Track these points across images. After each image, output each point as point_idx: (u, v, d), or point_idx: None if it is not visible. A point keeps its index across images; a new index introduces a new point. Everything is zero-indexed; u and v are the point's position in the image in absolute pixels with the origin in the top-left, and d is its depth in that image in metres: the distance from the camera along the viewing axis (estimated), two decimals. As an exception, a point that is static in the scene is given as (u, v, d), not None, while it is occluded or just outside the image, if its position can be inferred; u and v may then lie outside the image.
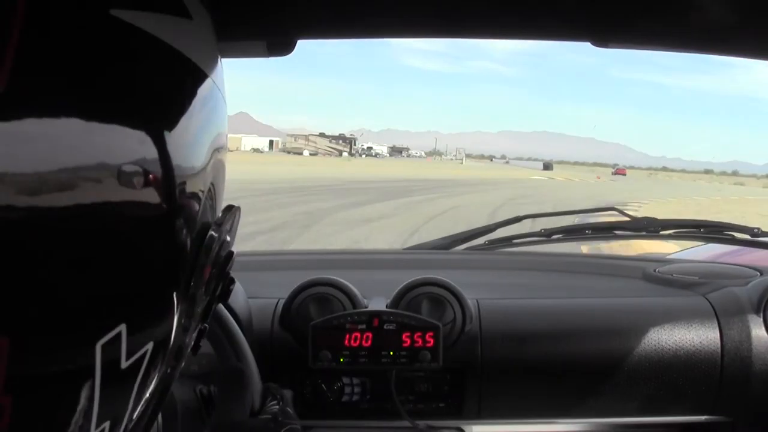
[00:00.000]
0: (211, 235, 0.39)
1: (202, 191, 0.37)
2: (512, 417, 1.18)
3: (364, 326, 1.09)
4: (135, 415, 0.34)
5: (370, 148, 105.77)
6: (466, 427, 1.17)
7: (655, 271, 1.39)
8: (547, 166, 78.14)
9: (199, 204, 0.37)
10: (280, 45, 0.73)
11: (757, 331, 1.15)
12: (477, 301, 1.19)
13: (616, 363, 1.14)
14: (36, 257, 0.26)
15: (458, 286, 1.16)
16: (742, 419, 1.17)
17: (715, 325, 1.16)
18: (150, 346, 0.33)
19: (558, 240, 1.56)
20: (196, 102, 0.36)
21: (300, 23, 0.72)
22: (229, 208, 0.44)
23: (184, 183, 0.35)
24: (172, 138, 0.33)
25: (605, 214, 1.62)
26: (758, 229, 1.47)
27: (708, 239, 1.56)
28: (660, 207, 18.17)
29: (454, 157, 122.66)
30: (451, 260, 1.57)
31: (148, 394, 0.35)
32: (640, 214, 1.66)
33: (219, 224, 0.41)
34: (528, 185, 28.18)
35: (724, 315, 1.17)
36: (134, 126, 0.30)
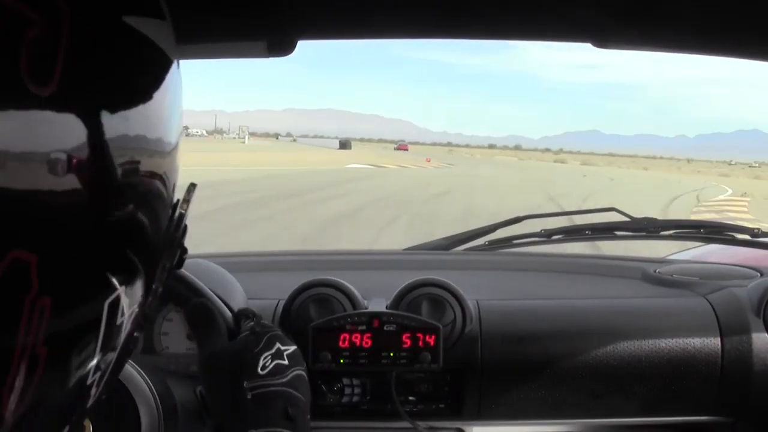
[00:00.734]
0: (181, 213, 0.46)
1: (174, 171, 0.44)
2: (512, 418, 1.17)
3: (364, 327, 1.09)
4: (110, 368, 0.41)
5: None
6: (466, 428, 1.17)
7: (655, 271, 1.39)
8: (345, 145, 60.81)
9: (175, 183, 0.44)
10: (280, 45, 0.73)
11: (758, 331, 1.15)
12: (477, 302, 1.19)
13: (616, 364, 1.14)
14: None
15: (458, 287, 1.16)
16: (742, 420, 1.17)
17: (716, 325, 1.16)
18: (136, 307, 0.40)
19: (558, 240, 1.56)
20: (170, 84, 0.42)
21: (300, 24, 0.72)
22: (193, 186, 0.50)
23: (171, 162, 0.42)
24: (157, 120, 0.39)
25: (605, 214, 1.62)
26: (758, 229, 1.47)
27: (708, 240, 1.56)
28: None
29: (237, 136, 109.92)
30: (451, 261, 1.57)
31: (120, 351, 0.42)
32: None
33: (187, 200, 0.47)
34: (368, 189, 15.35)
35: (724, 316, 1.17)
36: (124, 107, 0.36)
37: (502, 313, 1.19)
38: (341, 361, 1.09)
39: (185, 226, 0.49)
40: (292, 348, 0.87)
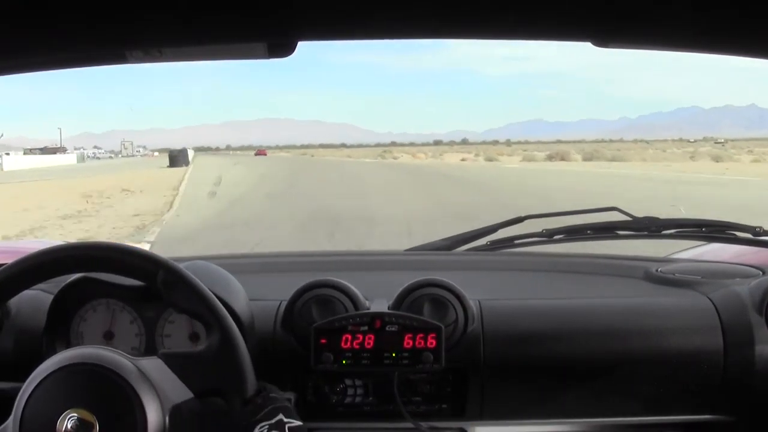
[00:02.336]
0: None
1: None
2: (515, 417, 1.17)
3: (366, 328, 1.09)
4: None
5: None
6: (468, 428, 1.17)
7: (657, 270, 1.39)
8: (175, 160, 35.99)
9: None
10: (280, 47, 0.73)
11: (760, 330, 1.15)
12: (479, 302, 1.19)
13: (618, 363, 1.14)
14: None
15: (460, 287, 1.16)
16: (744, 418, 1.17)
17: (718, 324, 1.16)
18: None
19: (559, 240, 1.56)
20: None
21: (301, 25, 0.72)
22: None
23: None
24: None
25: (606, 213, 1.62)
26: (760, 228, 1.46)
27: (710, 239, 1.56)
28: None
29: (113, 155, 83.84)
30: (452, 261, 1.57)
31: None
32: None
33: None
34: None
35: (726, 314, 1.17)
36: None
37: (504, 313, 1.19)
38: (344, 362, 1.09)
39: None
40: (297, 423, 0.87)
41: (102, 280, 1.11)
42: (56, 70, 0.79)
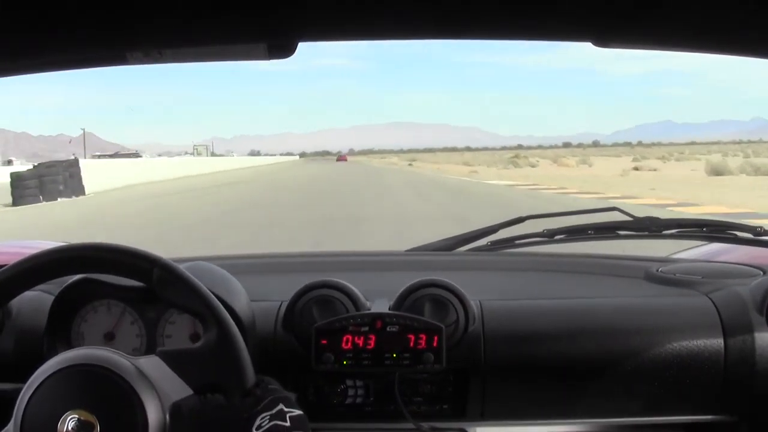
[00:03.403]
0: None
1: None
2: (516, 418, 1.17)
3: (366, 328, 1.09)
4: None
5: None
6: (469, 429, 1.17)
7: (657, 270, 1.39)
8: (20, 194, 16.39)
9: None
10: (280, 47, 0.73)
11: (761, 330, 1.15)
12: (480, 302, 1.19)
13: (619, 363, 1.14)
14: None
15: (461, 288, 1.16)
16: (746, 418, 1.16)
17: (719, 324, 1.16)
18: None
19: (560, 240, 1.56)
20: None
21: (301, 25, 0.72)
22: None
23: None
24: None
25: (607, 213, 1.62)
26: (761, 227, 1.46)
27: (710, 238, 1.55)
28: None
29: None
30: (453, 261, 1.57)
31: None
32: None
33: None
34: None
35: (727, 314, 1.17)
36: None
37: (505, 314, 1.19)
38: (344, 362, 1.09)
39: None
40: (298, 413, 0.87)
41: (103, 280, 1.11)
42: (56, 71, 0.80)
